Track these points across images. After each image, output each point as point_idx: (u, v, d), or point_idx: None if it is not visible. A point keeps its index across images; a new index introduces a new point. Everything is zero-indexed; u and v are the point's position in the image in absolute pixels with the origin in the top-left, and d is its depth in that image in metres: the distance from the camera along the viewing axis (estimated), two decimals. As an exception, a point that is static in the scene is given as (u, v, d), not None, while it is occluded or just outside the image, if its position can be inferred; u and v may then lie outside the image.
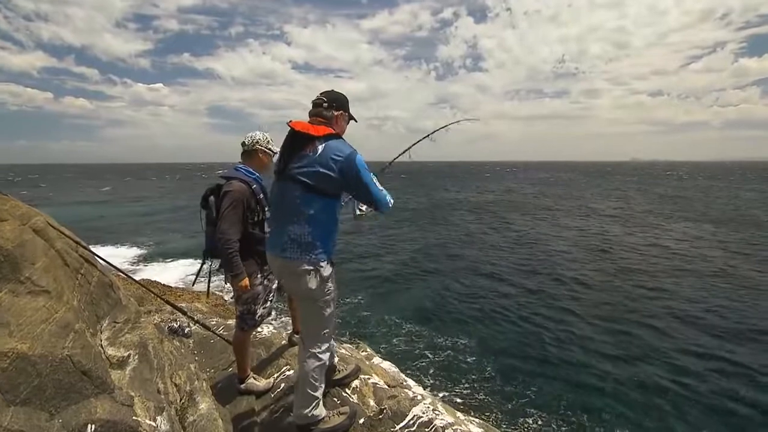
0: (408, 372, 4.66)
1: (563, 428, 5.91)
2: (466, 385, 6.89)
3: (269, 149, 2.79)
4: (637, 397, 6.49)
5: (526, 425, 5.96)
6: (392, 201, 2.18)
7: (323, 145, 2.03)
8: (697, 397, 6.47)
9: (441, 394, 6.37)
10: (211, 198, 2.66)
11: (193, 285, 3.06)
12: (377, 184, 2.10)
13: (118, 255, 15.85)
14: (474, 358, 7.76)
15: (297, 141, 2.10)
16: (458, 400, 6.31)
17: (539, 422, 6.01)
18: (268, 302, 2.88)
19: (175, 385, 2.41)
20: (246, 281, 2.58)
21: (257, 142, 2.76)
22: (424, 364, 7.56)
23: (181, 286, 10.45)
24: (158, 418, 1.94)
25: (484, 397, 6.59)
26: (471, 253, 16.11)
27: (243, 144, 2.79)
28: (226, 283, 2.83)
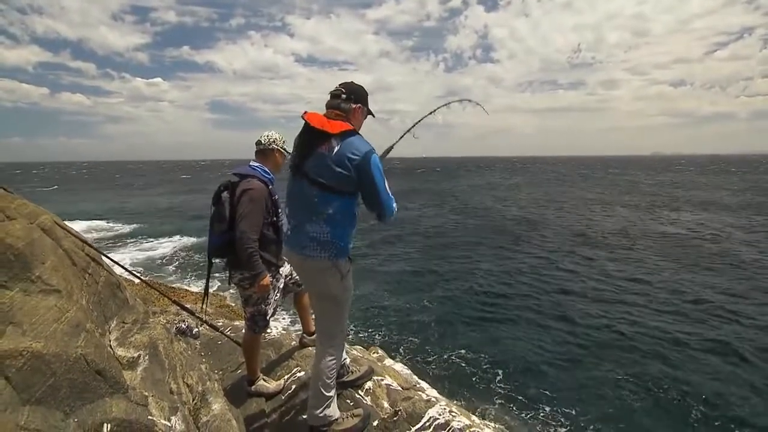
0: (420, 375, 4.61)
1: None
2: (480, 390, 6.80)
3: (285, 149, 2.75)
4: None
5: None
6: (396, 211, 2.11)
7: (340, 143, 1.97)
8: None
9: (454, 398, 6.29)
10: (225, 194, 2.59)
11: (206, 291, 3.00)
12: (388, 189, 2.03)
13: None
14: (489, 363, 7.62)
15: (313, 137, 2.03)
16: (472, 405, 6.21)
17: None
18: (277, 302, 2.84)
19: (187, 385, 2.37)
20: (267, 280, 2.54)
21: (274, 141, 2.72)
22: (436, 367, 7.46)
23: (184, 287, 10.38)
24: (173, 418, 1.90)
25: (498, 402, 6.49)
26: (489, 253, 15.88)
27: (258, 143, 2.74)
28: (230, 284, 2.77)
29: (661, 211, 26.74)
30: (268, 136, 2.73)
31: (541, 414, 6.22)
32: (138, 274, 3.31)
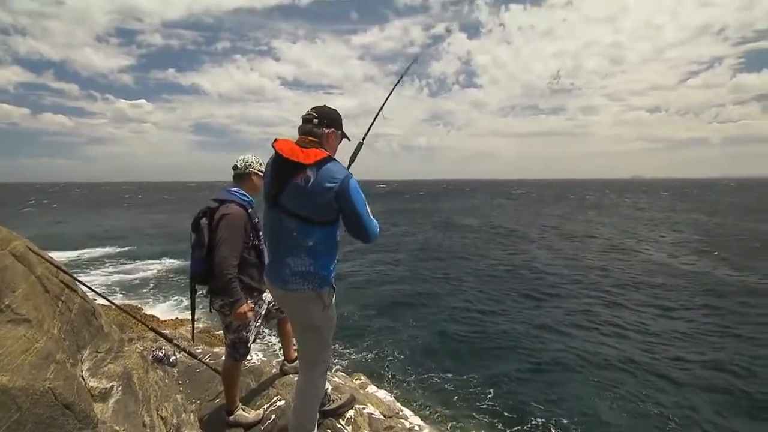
0: (404, 401, 4.52)
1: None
2: (467, 413, 6.70)
3: (262, 171, 2.74)
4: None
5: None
6: (378, 232, 2.04)
7: (315, 172, 1.89)
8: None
9: (440, 423, 6.20)
10: (203, 221, 2.57)
11: (192, 318, 2.94)
12: (369, 212, 1.98)
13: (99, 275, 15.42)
14: (473, 386, 7.54)
15: (286, 169, 1.94)
16: (458, 429, 6.14)
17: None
18: (257, 328, 2.78)
19: (162, 417, 2.29)
20: (245, 307, 2.49)
21: (250, 165, 2.71)
22: (420, 392, 7.35)
23: (164, 312, 10.14)
24: (144, 454, 1.82)
25: (484, 424, 6.42)
26: (468, 277, 15.88)
27: (235, 167, 2.73)
28: (211, 311, 2.72)
29: (634, 228, 27.41)
30: (243, 160, 2.72)
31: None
32: (113, 301, 3.22)
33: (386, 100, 2.63)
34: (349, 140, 2.24)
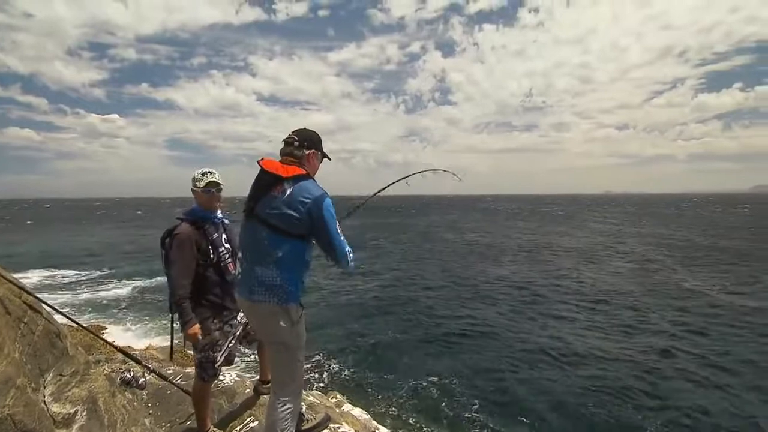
0: (380, 418, 4.46)
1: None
2: (444, 425, 6.69)
3: (197, 186, 2.65)
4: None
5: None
6: (352, 258, 2.09)
7: (292, 186, 2.00)
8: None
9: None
10: (167, 240, 2.57)
11: (171, 339, 2.90)
12: (340, 234, 2.05)
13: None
14: (449, 402, 7.51)
15: (266, 181, 2.06)
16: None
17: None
18: (229, 349, 2.73)
19: (128, 443, 2.21)
20: (195, 329, 2.46)
21: (192, 183, 2.67)
22: (396, 408, 7.27)
23: (134, 330, 9.81)
24: (109, 482, 1.75)
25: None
26: (446, 293, 15.95)
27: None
28: (181, 330, 2.68)
29: (603, 240, 28.23)
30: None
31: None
32: (79, 322, 3.12)
33: (377, 192, 3.07)
34: (330, 159, 2.35)
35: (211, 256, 2.59)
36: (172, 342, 2.91)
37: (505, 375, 8.33)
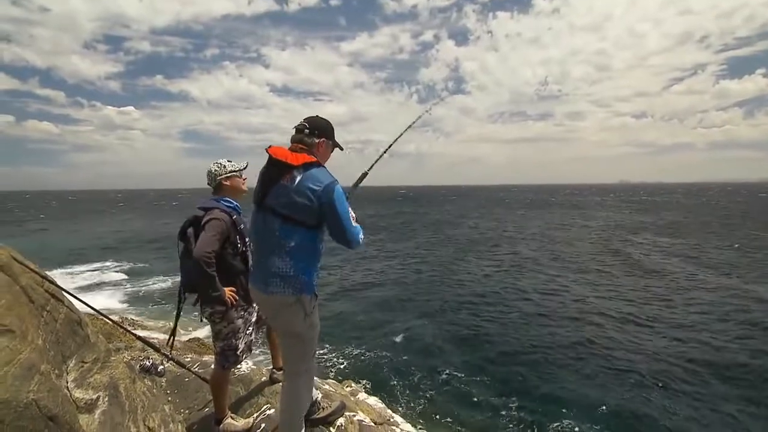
0: (395, 407, 4.49)
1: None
2: (455, 420, 6.67)
3: (230, 172, 2.71)
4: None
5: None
6: (363, 238, 2.11)
7: (301, 174, 1.97)
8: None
9: (430, 429, 6.17)
10: (190, 230, 2.56)
11: (175, 326, 2.93)
12: (352, 219, 2.03)
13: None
14: (463, 392, 7.54)
15: (275, 169, 2.03)
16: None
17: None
18: (249, 336, 2.76)
19: (149, 428, 2.26)
20: (229, 292, 2.48)
21: (216, 175, 2.69)
22: (411, 398, 7.32)
23: (152, 322, 10.01)
24: (130, 466, 1.79)
25: (477, 427, 6.42)
26: (460, 282, 15.89)
27: (208, 184, 2.73)
28: (201, 320, 2.71)
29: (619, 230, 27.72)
30: (209, 173, 2.70)
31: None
32: (100, 310, 3.18)
33: (397, 138, 2.78)
34: (342, 149, 2.30)
35: (239, 245, 2.60)
36: (174, 331, 2.92)
37: (521, 368, 8.26)
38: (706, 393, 7.08)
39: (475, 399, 7.20)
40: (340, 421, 2.74)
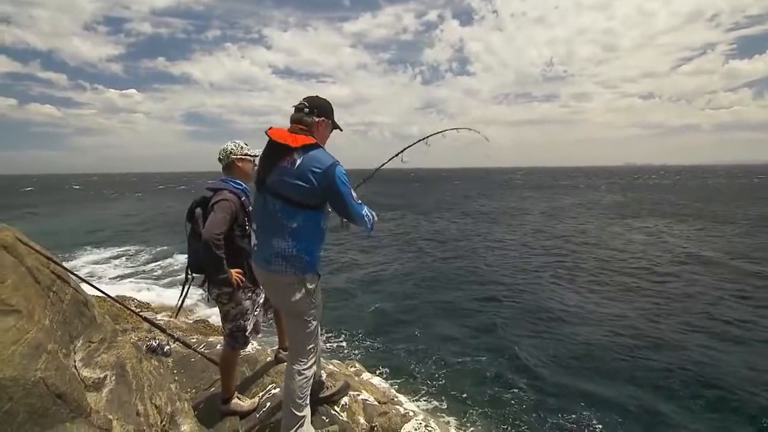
0: (398, 388, 4.54)
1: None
2: (459, 400, 6.71)
3: (246, 155, 2.71)
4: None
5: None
6: (374, 218, 2.11)
7: (302, 156, 1.97)
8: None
9: (434, 409, 6.22)
10: (198, 210, 2.56)
11: (178, 308, 2.94)
12: (354, 198, 2.04)
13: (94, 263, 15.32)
14: (467, 373, 7.55)
15: (275, 151, 2.04)
16: (452, 417, 6.13)
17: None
18: (256, 317, 2.79)
19: (156, 406, 2.29)
20: (236, 274, 2.50)
21: (231, 153, 2.68)
22: (415, 379, 7.35)
23: (158, 302, 10.11)
24: (138, 442, 1.82)
25: (479, 413, 6.42)
26: (467, 264, 15.75)
27: (219, 160, 2.72)
28: (208, 301, 2.72)
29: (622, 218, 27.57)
30: (223, 150, 2.69)
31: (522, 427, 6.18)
32: (106, 291, 3.21)
33: (395, 156, 2.91)
34: (341, 130, 2.29)
35: (247, 227, 2.61)
36: (180, 305, 2.93)
37: (524, 356, 8.12)
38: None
39: (480, 383, 7.18)
40: (345, 399, 2.77)
